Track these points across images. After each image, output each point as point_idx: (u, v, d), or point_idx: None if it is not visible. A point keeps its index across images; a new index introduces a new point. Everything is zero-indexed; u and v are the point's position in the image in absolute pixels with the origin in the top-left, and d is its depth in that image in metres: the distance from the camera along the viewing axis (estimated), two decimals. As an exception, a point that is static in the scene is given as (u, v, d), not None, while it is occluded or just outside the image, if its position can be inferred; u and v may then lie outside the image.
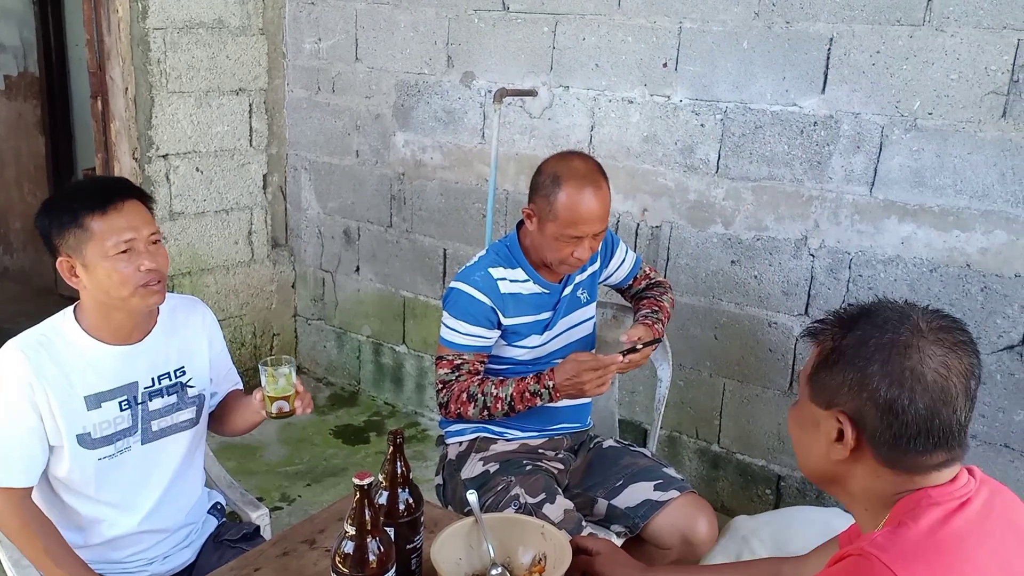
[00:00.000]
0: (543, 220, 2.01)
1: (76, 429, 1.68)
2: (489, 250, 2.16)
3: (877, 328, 1.11)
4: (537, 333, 2.13)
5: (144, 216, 1.69)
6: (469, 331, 2.05)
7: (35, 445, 1.66)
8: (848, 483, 1.16)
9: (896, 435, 1.08)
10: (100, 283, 1.65)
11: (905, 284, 2.59)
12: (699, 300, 2.97)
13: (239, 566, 1.62)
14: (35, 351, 1.65)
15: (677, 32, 2.84)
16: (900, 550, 1.04)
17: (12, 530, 1.67)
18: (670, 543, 2.05)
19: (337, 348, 4.13)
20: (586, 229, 1.98)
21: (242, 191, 3.88)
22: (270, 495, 3.19)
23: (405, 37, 3.51)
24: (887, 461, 1.11)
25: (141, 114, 3.45)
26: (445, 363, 2.07)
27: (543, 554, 1.59)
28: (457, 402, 2.04)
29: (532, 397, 1.99)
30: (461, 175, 3.48)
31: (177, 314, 1.85)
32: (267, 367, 1.69)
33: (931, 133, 2.48)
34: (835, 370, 1.12)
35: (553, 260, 2.04)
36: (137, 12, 3.36)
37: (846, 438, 1.11)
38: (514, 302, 2.08)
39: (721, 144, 2.83)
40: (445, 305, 2.10)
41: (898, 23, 2.47)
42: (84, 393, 1.68)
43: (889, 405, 1.07)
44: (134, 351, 1.75)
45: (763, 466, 2.96)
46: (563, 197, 1.97)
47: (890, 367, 1.07)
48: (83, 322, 1.71)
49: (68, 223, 1.64)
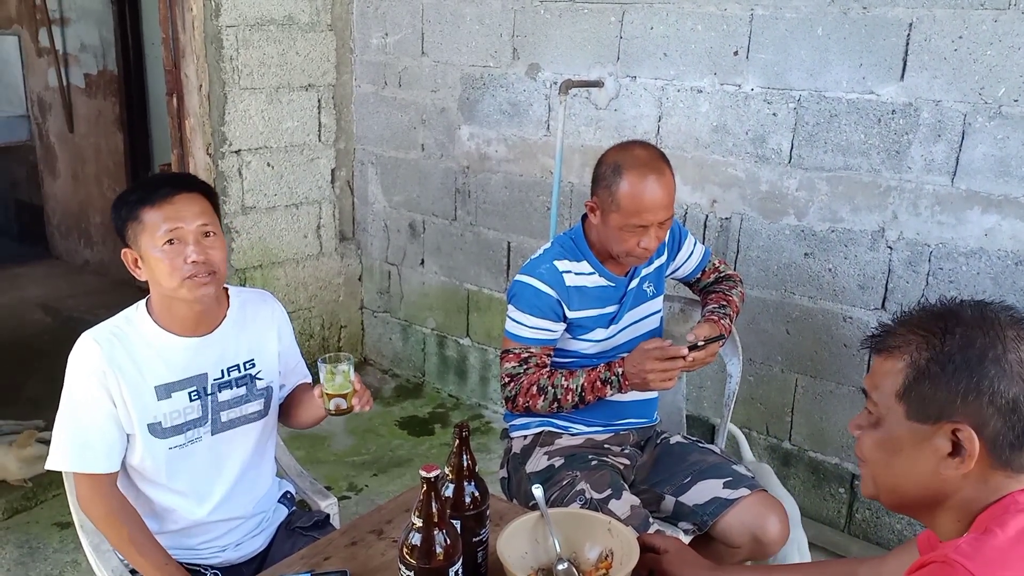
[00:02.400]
0: (606, 212, 1.98)
1: (147, 418, 1.72)
2: (554, 243, 2.14)
3: (975, 328, 1.06)
4: (602, 326, 2.10)
5: (196, 208, 1.69)
6: (535, 324, 2.04)
7: (113, 431, 1.70)
8: (948, 500, 1.10)
9: (1020, 433, 1.04)
10: (152, 273, 1.69)
11: (988, 277, 2.49)
12: (770, 294, 2.91)
13: (310, 554, 1.65)
14: (108, 341, 1.70)
15: (748, 19, 2.78)
16: (986, 557, 1.00)
17: (99, 517, 1.72)
18: (740, 542, 2.01)
19: (402, 340, 4.17)
20: (650, 217, 1.94)
21: (311, 185, 3.94)
22: (337, 484, 3.24)
23: (470, 30, 3.51)
24: (1005, 463, 1.06)
25: (215, 110, 3.53)
26: (512, 356, 2.06)
27: (610, 550, 1.57)
28: (526, 395, 2.03)
29: (602, 386, 1.97)
30: (525, 168, 3.47)
31: (247, 308, 1.88)
32: (326, 364, 1.70)
33: (1017, 120, 2.37)
34: (941, 380, 1.06)
35: (619, 252, 2.01)
36: (211, 10, 3.43)
37: (969, 450, 1.05)
38: (579, 295, 2.06)
39: (794, 133, 2.76)
40: (510, 299, 2.08)
41: (982, 7, 2.36)
42: (154, 383, 1.72)
43: (1013, 404, 1.03)
44: (203, 343, 1.78)
45: (836, 464, 2.88)
46: (625, 186, 1.93)
47: (1004, 364, 1.03)
48: (154, 314, 1.75)
49: (127, 216, 1.69)
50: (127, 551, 1.70)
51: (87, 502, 1.72)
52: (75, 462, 1.69)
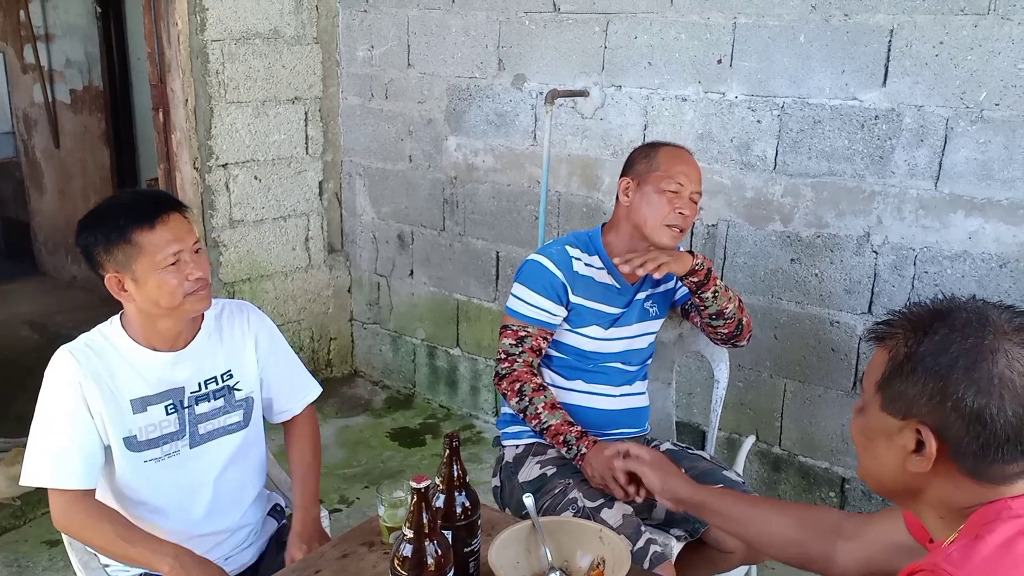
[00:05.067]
0: (643, 181, 2.06)
1: (122, 432, 1.71)
2: (570, 234, 2.21)
3: (957, 332, 1.03)
4: (600, 325, 2.13)
5: (187, 226, 1.73)
6: (536, 302, 2.08)
7: (91, 444, 1.68)
8: (923, 495, 1.09)
9: (983, 445, 1.01)
10: (150, 295, 1.68)
11: (973, 280, 2.51)
12: (758, 299, 2.92)
13: (301, 567, 1.64)
14: (84, 353, 1.70)
15: (732, 28, 2.80)
16: (974, 566, 0.99)
17: (79, 524, 1.69)
18: (732, 546, 2.01)
19: (392, 351, 4.16)
20: (686, 181, 2.04)
21: (299, 198, 3.94)
22: (329, 497, 3.22)
23: (456, 42, 3.53)
24: (970, 471, 1.04)
25: (201, 125, 3.53)
26: (510, 333, 2.10)
27: (601, 558, 1.57)
28: (511, 384, 2.08)
29: (563, 444, 2.02)
30: (513, 177, 3.48)
31: (223, 319, 1.88)
32: (384, 503, 1.68)
33: (998, 124, 2.39)
34: (912, 378, 1.05)
35: (655, 222, 2.04)
36: (196, 25, 3.43)
37: (928, 450, 1.04)
38: (584, 283, 2.11)
39: (779, 140, 2.78)
40: (517, 276, 2.14)
41: (962, 12, 2.39)
42: (130, 396, 1.72)
43: (977, 415, 1.00)
44: (180, 357, 1.78)
45: (827, 468, 2.89)
46: (663, 153, 2.08)
47: (976, 374, 1.00)
48: (129, 329, 1.75)
49: (116, 239, 1.66)
50: (117, 549, 1.68)
51: (63, 517, 1.68)
52: (51, 477, 1.67)
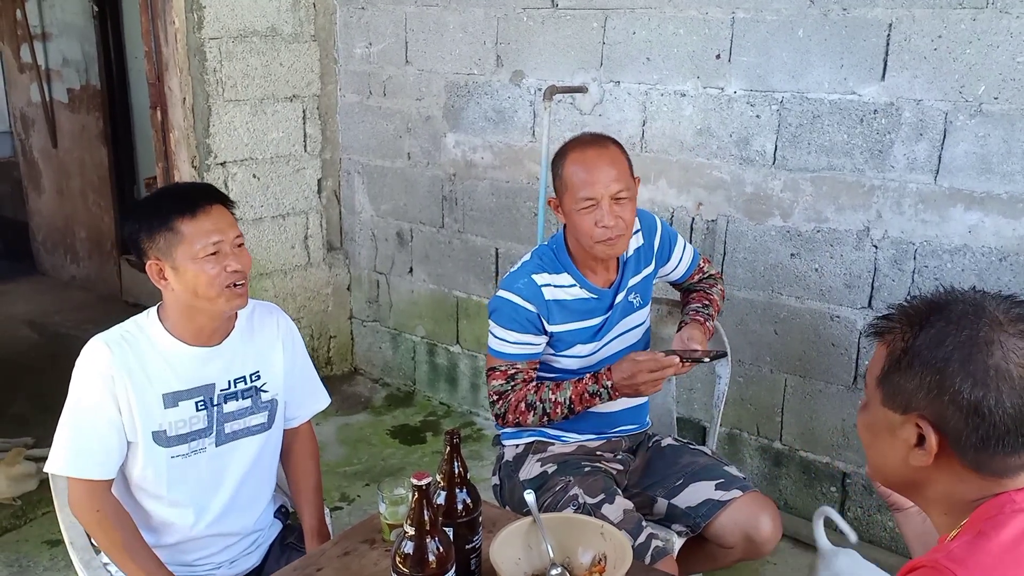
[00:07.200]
0: (562, 199, 1.99)
1: (152, 426, 1.71)
2: (533, 255, 2.11)
3: (952, 324, 1.03)
4: (584, 341, 2.07)
5: (229, 219, 1.75)
6: (517, 339, 2.02)
7: (113, 438, 1.69)
8: (927, 488, 1.09)
9: (983, 437, 1.01)
10: (188, 284, 1.69)
11: (973, 274, 2.51)
12: (758, 295, 2.92)
13: (302, 566, 1.64)
14: (119, 346, 1.70)
15: (730, 23, 2.79)
16: (977, 562, 0.98)
17: (90, 522, 1.70)
18: (732, 542, 2.02)
19: (392, 349, 4.16)
20: (598, 189, 1.91)
21: (298, 196, 3.93)
22: (330, 495, 3.22)
23: (454, 38, 3.52)
24: (973, 464, 1.04)
25: (199, 123, 3.52)
26: (499, 374, 2.03)
27: (603, 554, 1.57)
28: (515, 412, 2.01)
29: (591, 397, 1.96)
30: (512, 174, 3.48)
31: (254, 319, 1.88)
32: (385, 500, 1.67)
33: (997, 118, 2.39)
34: (910, 373, 1.05)
35: (587, 242, 1.97)
36: (193, 23, 3.42)
37: (928, 444, 1.04)
38: (559, 308, 2.03)
39: (778, 135, 2.78)
40: (491, 314, 2.06)
41: (960, 6, 2.39)
42: (162, 391, 1.72)
43: (975, 407, 1.00)
44: (212, 353, 1.78)
45: (827, 463, 2.89)
46: (568, 163, 1.97)
47: (972, 367, 1.00)
48: (166, 322, 1.75)
49: (159, 226, 1.68)
50: (119, 556, 1.69)
51: (79, 506, 1.70)
52: (71, 467, 1.68)
